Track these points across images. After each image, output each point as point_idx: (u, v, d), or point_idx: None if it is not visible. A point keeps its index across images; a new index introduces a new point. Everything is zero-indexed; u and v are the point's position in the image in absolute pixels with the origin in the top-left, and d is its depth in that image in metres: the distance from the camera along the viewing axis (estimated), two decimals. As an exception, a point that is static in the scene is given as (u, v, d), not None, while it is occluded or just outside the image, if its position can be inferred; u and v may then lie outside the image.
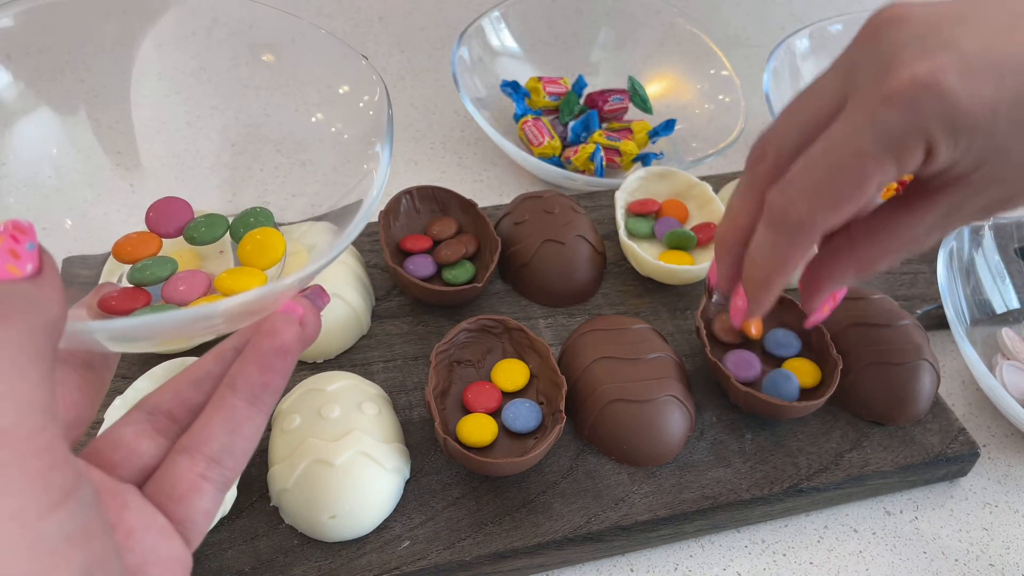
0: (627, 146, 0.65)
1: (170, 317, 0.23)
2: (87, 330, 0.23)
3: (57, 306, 0.21)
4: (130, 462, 0.25)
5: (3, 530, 0.18)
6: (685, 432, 0.46)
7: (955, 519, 0.49)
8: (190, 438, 0.25)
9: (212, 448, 0.25)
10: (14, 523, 0.18)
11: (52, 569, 0.19)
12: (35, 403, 0.19)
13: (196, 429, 0.25)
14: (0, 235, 0.20)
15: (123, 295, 0.30)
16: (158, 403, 0.26)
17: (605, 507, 0.44)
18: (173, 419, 0.26)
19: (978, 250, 0.58)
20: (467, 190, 0.64)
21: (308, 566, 0.40)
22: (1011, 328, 0.57)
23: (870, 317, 0.50)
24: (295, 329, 0.26)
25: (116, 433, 0.25)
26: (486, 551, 0.41)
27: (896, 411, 0.49)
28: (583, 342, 0.48)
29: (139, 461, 0.25)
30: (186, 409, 0.26)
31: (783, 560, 0.46)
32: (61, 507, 0.19)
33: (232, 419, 0.25)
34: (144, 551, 0.23)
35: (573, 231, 0.53)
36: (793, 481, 0.46)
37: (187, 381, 0.26)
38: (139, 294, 0.30)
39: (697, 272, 0.53)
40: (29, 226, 0.21)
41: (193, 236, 0.33)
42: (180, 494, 0.24)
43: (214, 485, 0.25)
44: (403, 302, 0.52)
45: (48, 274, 0.21)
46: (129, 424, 0.25)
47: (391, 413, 0.45)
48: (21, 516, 0.18)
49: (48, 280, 0.21)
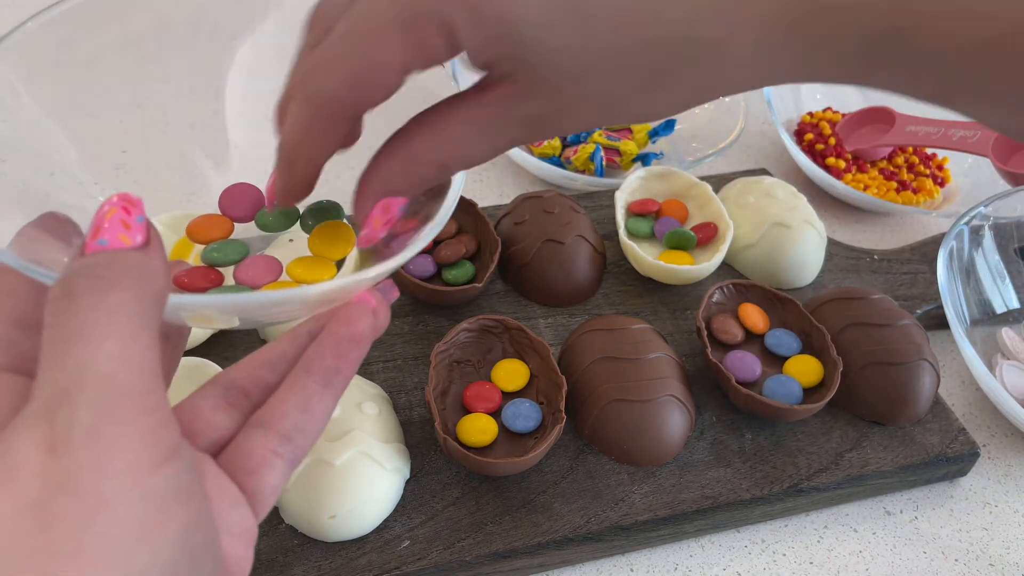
0: (627, 146, 0.65)
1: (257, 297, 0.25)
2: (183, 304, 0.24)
3: (163, 276, 0.22)
4: (206, 433, 0.25)
5: (118, 482, 0.19)
6: (685, 432, 0.46)
7: (955, 519, 0.49)
8: (265, 414, 0.26)
9: (285, 425, 0.25)
10: (128, 475, 0.19)
11: (158, 524, 0.20)
12: (146, 364, 0.20)
13: (271, 406, 0.26)
14: (112, 207, 0.22)
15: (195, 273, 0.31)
16: (234, 379, 0.26)
17: (605, 507, 0.44)
18: (247, 395, 0.26)
19: (978, 250, 0.58)
20: (467, 190, 0.64)
21: (308, 566, 0.40)
22: (1011, 328, 0.57)
23: (870, 317, 0.50)
24: (369, 319, 0.27)
25: (194, 404, 0.26)
26: (486, 551, 0.41)
27: (896, 411, 0.49)
28: (583, 342, 0.48)
29: (214, 433, 0.25)
30: (260, 387, 0.27)
31: (783, 560, 0.46)
32: (167, 464, 0.20)
33: (306, 399, 0.26)
34: (218, 519, 0.23)
35: (573, 231, 0.53)
36: (793, 481, 0.46)
37: (261, 360, 0.27)
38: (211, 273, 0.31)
39: (697, 272, 0.53)
40: (138, 200, 0.22)
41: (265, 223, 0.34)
42: (253, 467, 0.25)
43: (284, 461, 0.25)
44: (403, 302, 0.52)
45: (155, 246, 0.22)
46: (206, 397, 0.26)
47: (391, 413, 0.45)
48: (134, 470, 0.19)
49: (155, 252, 0.22)
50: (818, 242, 0.57)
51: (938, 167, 0.72)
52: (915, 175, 0.71)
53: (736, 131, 0.66)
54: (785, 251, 0.56)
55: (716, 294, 0.52)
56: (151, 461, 0.20)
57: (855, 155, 0.70)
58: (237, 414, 0.26)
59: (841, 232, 0.67)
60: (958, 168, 0.72)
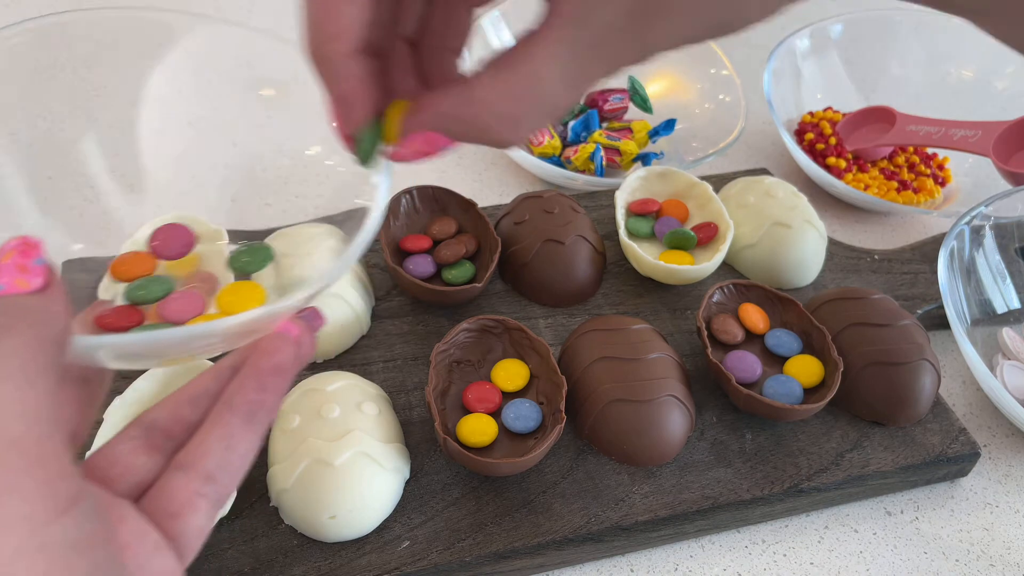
0: (627, 146, 0.65)
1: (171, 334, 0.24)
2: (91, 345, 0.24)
3: (63, 320, 0.21)
4: (126, 477, 0.25)
5: (14, 532, 0.19)
6: (685, 432, 0.46)
7: (956, 519, 0.49)
8: (187, 455, 0.25)
9: (208, 465, 0.25)
10: (25, 526, 0.19)
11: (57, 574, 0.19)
12: (42, 412, 0.20)
13: (193, 446, 0.25)
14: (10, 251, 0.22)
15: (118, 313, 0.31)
16: (154, 420, 0.26)
17: (605, 507, 0.44)
18: (169, 436, 0.26)
19: (979, 250, 0.58)
20: (467, 190, 0.64)
21: (308, 566, 0.40)
22: (1012, 328, 0.56)
23: (870, 317, 0.50)
24: (291, 349, 0.26)
25: (112, 449, 0.25)
26: (486, 551, 0.41)
27: (897, 411, 0.49)
28: (583, 342, 0.48)
29: (134, 477, 0.25)
30: (182, 426, 0.26)
31: (783, 560, 0.46)
32: (67, 514, 0.20)
33: (228, 437, 0.25)
34: (138, 566, 0.23)
35: (573, 231, 0.53)
36: (793, 481, 0.46)
37: (184, 399, 0.27)
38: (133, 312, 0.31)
39: (697, 272, 0.53)
40: (37, 242, 0.22)
41: (238, 265, 0.34)
42: (175, 510, 0.24)
43: (208, 502, 0.25)
44: (403, 302, 0.52)
45: (55, 289, 0.22)
46: (125, 440, 0.26)
47: (391, 413, 0.45)
48: (31, 521, 0.19)
49: (55, 294, 0.22)
50: (818, 242, 0.57)
51: (939, 167, 0.72)
52: (916, 175, 0.71)
53: (736, 131, 0.66)
54: (785, 251, 0.56)
55: (716, 294, 0.52)
56: (48, 512, 0.19)
57: (855, 155, 0.70)
58: (159, 456, 0.26)
59: (841, 232, 0.67)
60: (959, 168, 0.72)
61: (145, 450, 0.25)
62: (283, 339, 0.26)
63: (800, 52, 0.74)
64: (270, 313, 0.25)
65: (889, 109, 0.70)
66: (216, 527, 0.40)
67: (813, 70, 0.75)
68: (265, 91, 0.35)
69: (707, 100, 0.71)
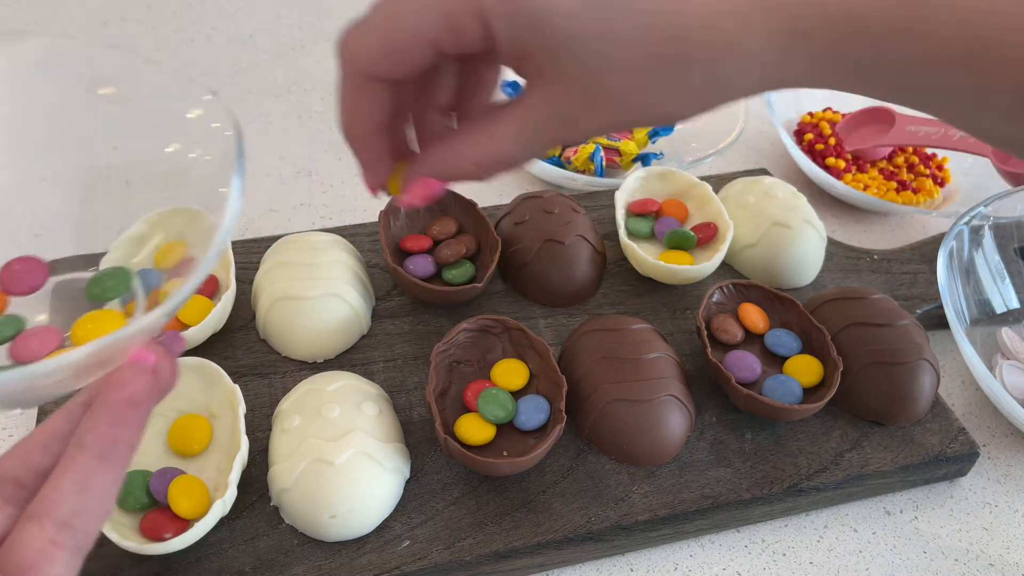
0: (627, 146, 0.65)
1: (8, 377, 0.22)
2: None
3: None
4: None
5: None
6: (685, 432, 0.46)
7: (955, 519, 0.49)
8: (38, 504, 0.24)
9: (62, 512, 0.23)
10: None
11: None
12: None
13: (44, 493, 0.24)
14: None
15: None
16: (3, 471, 0.25)
17: (605, 507, 0.44)
18: (21, 486, 0.25)
19: (978, 250, 0.58)
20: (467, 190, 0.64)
21: (308, 566, 0.40)
22: (1011, 328, 0.57)
23: (870, 317, 0.50)
24: (146, 379, 0.25)
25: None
26: (486, 551, 0.41)
27: (896, 411, 0.49)
28: (583, 342, 0.48)
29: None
30: (34, 474, 0.25)
31: (783, 560, 0.46)
32: None
33: (82, 479, 0.24)
34: None
35: (573, 231, 0.53)
36: (793, 481, 0.46)
37: (34, 445, 0.25)
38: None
39: (697, 272, 0.53)
40: None
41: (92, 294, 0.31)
42: (28, 563, 0.23)
43: (66, 551, 0.23)
44: (403, 302, 0.52)
45: None
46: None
47: (391, 413, 0.45)
48: None
49: None
50: (818, 242, 0.57)
51: (938, 167, 0.72)
52: (915, 175, 0.71)
53: (736, 131, 0.66)
54: (785, 251, 0.56)
55: (716, 294, 0.52)
56: None
57: (855, 155, 0.70)
58: (11, 508, 0.24)
59: (841, 232, 0.67)
60: (958, 168, 0.72)
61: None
62: (136, 368, 0.25)
63: (800, 52, 0.74)
64: (117, 340, 0.23)
65: (889, 109, 0.70)
66: (216, 527, 0.40)
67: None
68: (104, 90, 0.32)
69: (707, 100, 0.71)
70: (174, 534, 0.37)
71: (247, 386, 0.47)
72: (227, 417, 0.43)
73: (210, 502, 0.39)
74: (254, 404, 0.46)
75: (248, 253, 0.53)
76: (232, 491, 0.39)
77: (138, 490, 0.39)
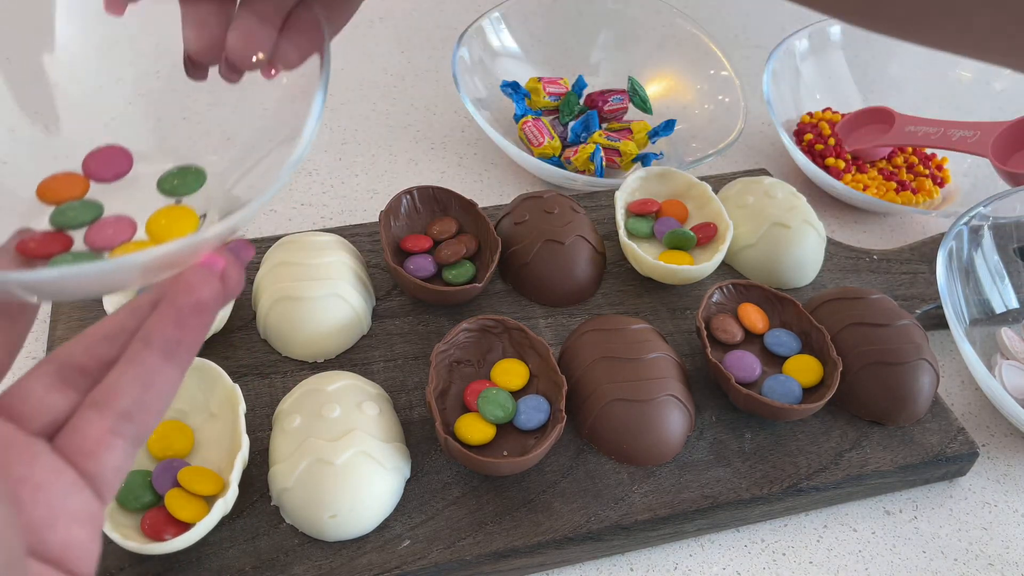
0: (627, 146, 0.65)
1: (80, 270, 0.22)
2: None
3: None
4: (39, 416, 0.24)
5: None
6: (685, 432, 0.46)
7: (954, 519, 0.49)
8: (100, 393, 0.24)
9: (123, 403, 0.24)
10: None
11: None
12: None
13: (107, 384, 0.24)
14: None
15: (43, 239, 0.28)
16: (69, 356, 0.25)
17: (605, 506, 0.44)
18: (85, 373, 0.25)
19: (977, 250, 0.58)
20: (467, 190, 0.64)
21: (308, 565, 0.40)
22: (1010, 328, 0.57)
23: (869, 317, 0.50)
24: (214, 284, 0.25)
25: (25, 386, 0.25)
26: (486, 550, 0.41)
27: (895, 411, 0.49)
28: (583, 342, 0.48)
29: (48, 415, 0.24)
30: (98, 363, 0.25)
31: (783, 560, 0.46)
32: None
33: (145, 374, 0.24)
34: (52, 505, 0.22)
35: (573, 231, 0.53)
36: (793, 481, 0.46)
37: (100, 335, 0.25)
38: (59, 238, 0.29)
39: (697, 272, 0.53)
40: None
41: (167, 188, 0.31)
42: (89, 449, 0.23)
43: (125, 440, 0.24)
44: (403, 302, 0.53)
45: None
46: (38, 377, 0.25)
47: (391, 413, 0.45)
48: None
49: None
50: (817, 242, 0.57)
51: (937, 167, 0.72)
52: (914, 175, 0.71)
53: (736, 131, 0.66)
54: (785, 251, 0.56)
55: (716, 294, 0.52)
56: None
57: (855, 155, 0.70)
58: (74, 393, 0.25)
59: (841, 232, 0.67)
60: (957, 168, 0.72)
61: (59, 387, 0.25)
62: (205, 273, 0.25)
63: (799, 53, 0.74)
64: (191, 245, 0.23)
65: (888, 110, 0.71)
66: (217, 526, 0.40)
67: (812, 71, 0.75)
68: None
69: (706, 101, 0.71)
70: (175, 534, 0.37)
71: (247, 386, 0.47)
72: (227, 417, 0.43)
73: (217, 492, 0.39)
74: (254, 404, 0.46)
75: (248, 253, 0.53)
76: (233, 490, 0.39)
77: (139, 489, 0.39)
